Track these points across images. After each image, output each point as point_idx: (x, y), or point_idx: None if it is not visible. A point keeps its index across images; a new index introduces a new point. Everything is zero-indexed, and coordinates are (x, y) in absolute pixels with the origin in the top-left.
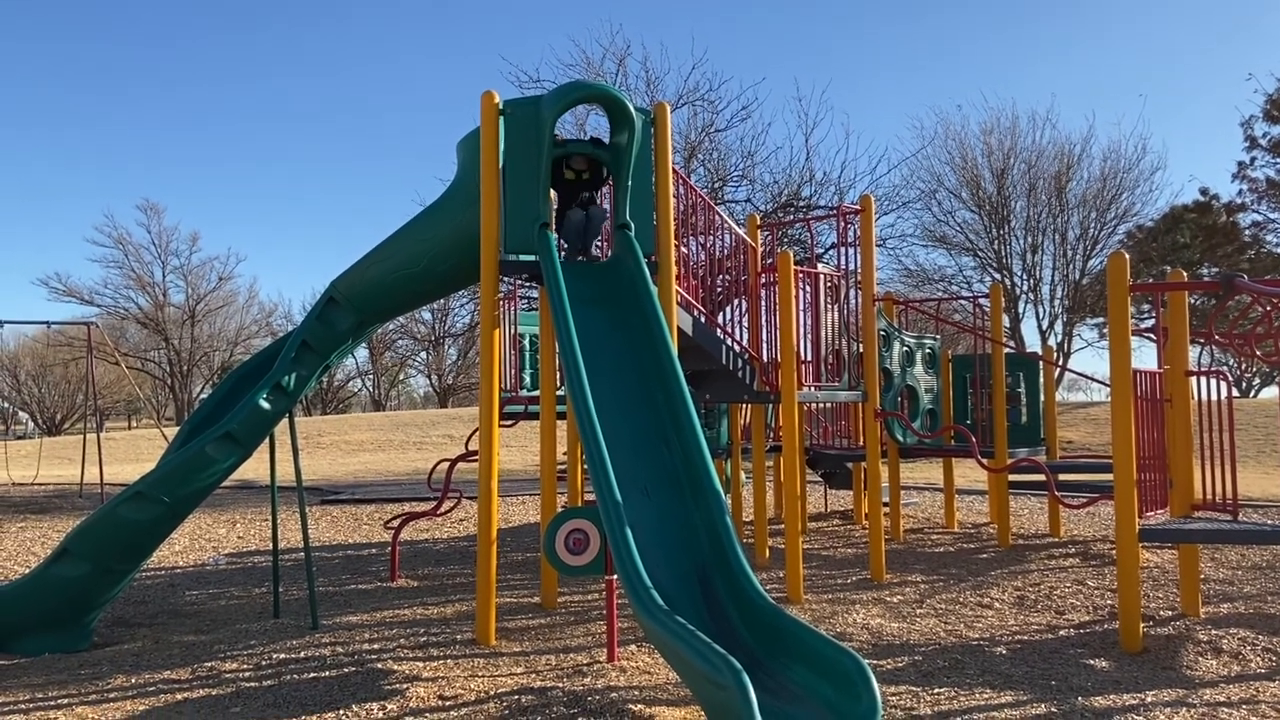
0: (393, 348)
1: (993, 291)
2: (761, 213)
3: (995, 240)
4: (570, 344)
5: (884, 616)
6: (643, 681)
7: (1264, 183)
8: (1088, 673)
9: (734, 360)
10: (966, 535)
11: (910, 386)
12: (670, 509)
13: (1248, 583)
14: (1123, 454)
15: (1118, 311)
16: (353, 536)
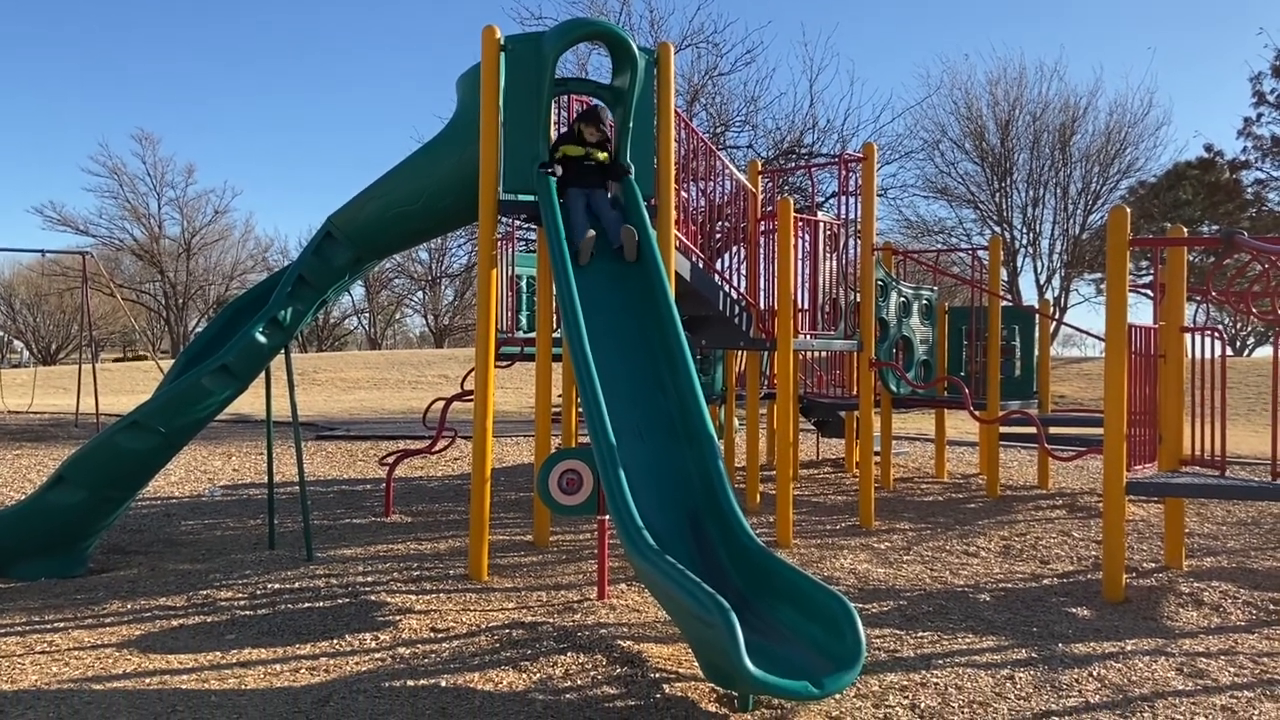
0: (389, 286)
1: (992, 244)
2: (763, 159)
3: (996, 193)
4: (567, 286)
5: (871, 562)
6: (632, 619)
7: (1269, 140)
8: (1069, 620)
9: (731, 307)
10: (955, 485)
11: (906, 337)
12: (663, 452)
13: (1231, 538)
14: (1114, 407)
15: (1116, 265)
16: (347, 472)
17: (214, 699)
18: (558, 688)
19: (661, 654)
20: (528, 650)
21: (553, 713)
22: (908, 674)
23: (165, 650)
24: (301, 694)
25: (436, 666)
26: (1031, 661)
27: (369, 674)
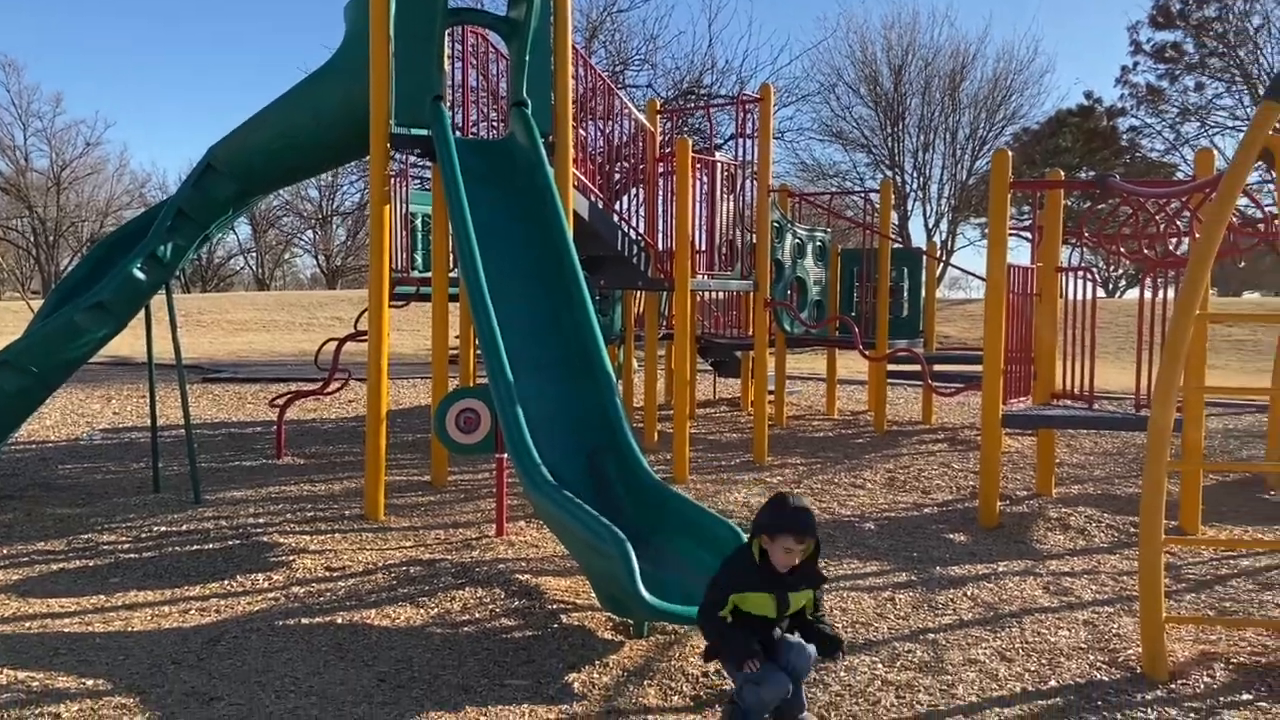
0: (277, 225)
1: (883, 188)
2: (662, 99)
3: (889, 138)
4: (463, 222)
5: (764, 496)
6: (530, 554)
7: (1144, 88)
8: (947, 546)
9: (629, 247)
10: (845, 422)
11: (800, 278)
12: (561, 390)
13: (1098, 467)
14: (993, 344)
15: (998, 207)
16: (236, 415)
17: (98, 641)
18: (455, 621)
19: (559, 586)
20: (425, 586)
21: (450, 645)
22: None
23: (45, 594)
24: (191, 634)
25: (332, 604)
26: (911, 584)
27: (262, 613)
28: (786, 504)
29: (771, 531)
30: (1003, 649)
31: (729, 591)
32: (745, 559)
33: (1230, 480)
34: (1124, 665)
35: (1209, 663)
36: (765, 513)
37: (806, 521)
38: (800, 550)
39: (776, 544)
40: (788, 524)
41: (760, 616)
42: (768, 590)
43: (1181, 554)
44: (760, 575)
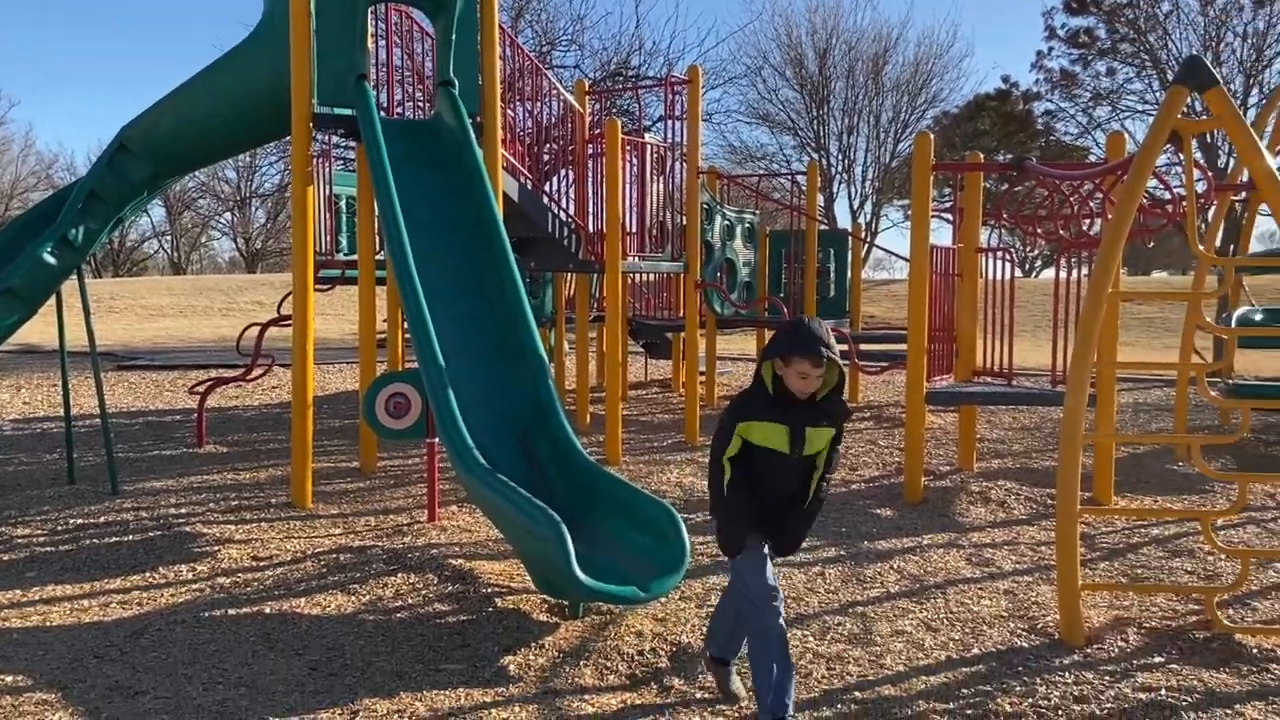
0: (193, 207)
1: (810, 170)
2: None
3: (815, 120)
4: (390, 204)
5: (696, 475)
6: (463, 539)
7: (1058, 73)
8: (874, 520)
9: (560, 229)
10: None
11: (730, 259)
12: (493, 373)
13: (1016, 441)
14: (916, 323)
15: (920, 188)
16: (154, 403)
17: (15, 637)
18: (388, 608)
19: (493, 570)
20: (356, 574)
21: (384, 632)
22: (728, 576)
23: None
24: (113, 628)
25: (259, 594)
26: (840, 559)
27: (186, 605)
28: (803, 324)
29: (785, 353)
30: (928, 619)
31: (736, 420)
32: (756, 387)
33: (1141, 452)
34: (1043, 632)
35: (1123, 627)
36: (779, 335)
37: (825, 343)
38: (818, 376)
39: (791, 368)
40: (802, 345)
41: (770, 451)
42: (780, 420)
43: (1096, 524)
44: (772, 403)
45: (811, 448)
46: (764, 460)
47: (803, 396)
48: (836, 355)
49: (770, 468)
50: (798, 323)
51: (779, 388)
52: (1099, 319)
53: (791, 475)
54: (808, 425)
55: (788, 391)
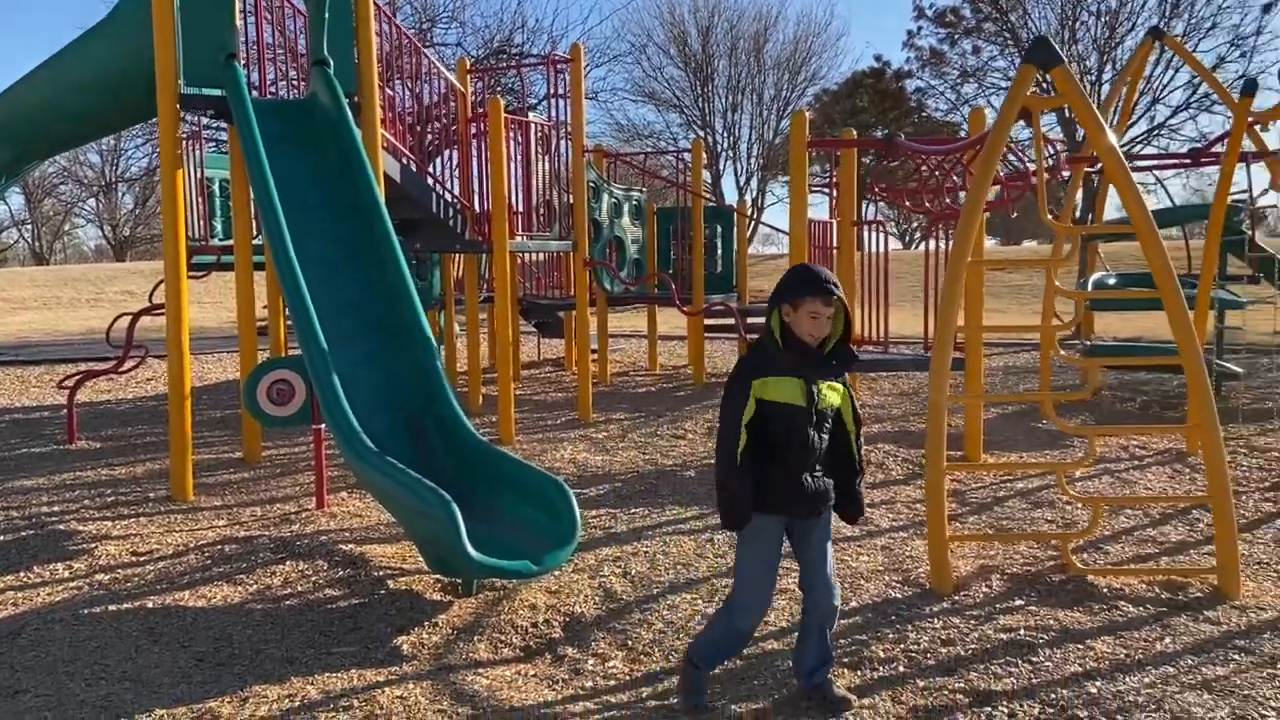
0: (54, 194)
1: (694, 148)
2: (473, 59)
3: (700, 98)
4: (265, 186)
5: (589, 451)
6: (354, 524)
7: (928, 51)
8: None
9: (444, 209)
10: (668, 376)
11: (618, 237)
12: (378, 356)
13: (895, 406)
14: None
15: (797, 164)
16: (20, 399)
17: None
18: (277, 596)
19: (385, 553)
20: (242, 564)
21: (273, 620)
22: (621, 547)
23: None
24: None
25: (141, 589)
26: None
27: (64, 603)
28: (806, 267)
29: (794, 296)
30: None
31: (751, 379)
32: (764, 343)
33: (1010, 413)
34: (915, 583)
35: (987, 575)
36: (785, 281)
37: (833, 281)
38: (829, 314)
39: (801, 311)
40: (811, 285)
41: (789, 410)
42: (793, 374)
43: (967, 480)
44: (784, 357)
45: (825, 402)
46: (784, 423)
47: (814, 341)
48: (843, 295)
49: (791, 431)
50: (800, 267)
51: (788, 342)
52: (960, 286)
53: (815, 436)
54: (819, 379)
55: (798, 344)
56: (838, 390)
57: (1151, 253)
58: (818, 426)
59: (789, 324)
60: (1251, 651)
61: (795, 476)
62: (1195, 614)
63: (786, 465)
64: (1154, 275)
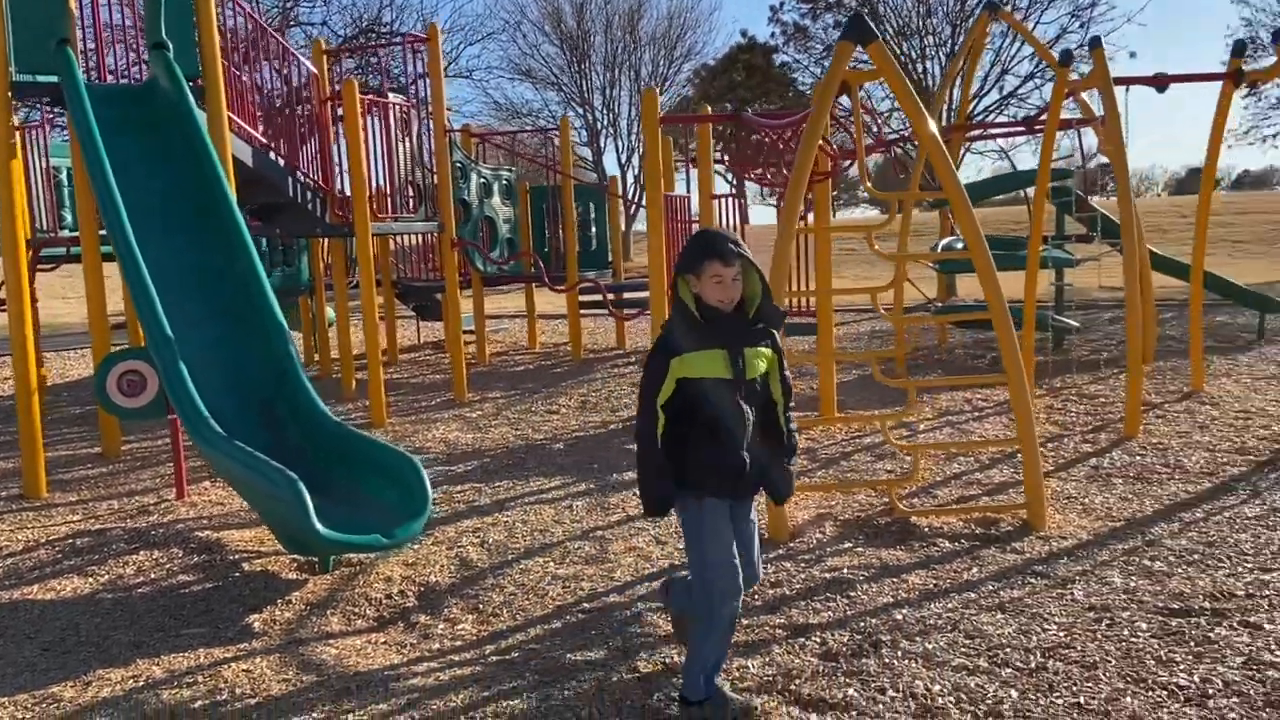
0: None
1: (561, 125)
2: (337, 39)
3: (577, 75)
4: (102, 174)
5: (461, 430)
6: (214, 513)
7: (792, 26)
8: (626, 455)
9: (303, 193)
10: (547, 354)
11: (489, 217)
12: (229, 342)
13: None
14: (655, 267)
15: (650, 140)
16: None
17: None
18: (128, 585)
19: (243, 538)
20: (94, 556)
21: (123, 607)
22: (482, 519)
23: None
24: None
25: None
26: (589, 492)
27: None
28: (706, 231)
29: (694, 265)
30: (659, 535)
31: (668, 357)
32: (679, 315)
33: (869, 372)
34: None
35: (822, 522)
36: (684, 251)
37: (733, 240)
38: (734, 277)
39: (705, 279)
40: (708, 248)
41: (713, 384)
42: (714, 344)
43: (820, 438)
44: (701, 328)
45: (753, 370)
46: (709, 397)
47: (728, 306)
48: (749, 253)
49: (720, 405)
50: (697, 234)
51: (704, 312)
52: (788, 254)
53: (745, 409)
54: (745, 346)
55: (715, 313)
56: (765, 356)
57: (962, 218)
58: (747, 398)
59: (699, 295)
60: (1047, 575)
61: (734, 454)
62: (1004, 545)
63: (721, 443)
64: (964, 238)
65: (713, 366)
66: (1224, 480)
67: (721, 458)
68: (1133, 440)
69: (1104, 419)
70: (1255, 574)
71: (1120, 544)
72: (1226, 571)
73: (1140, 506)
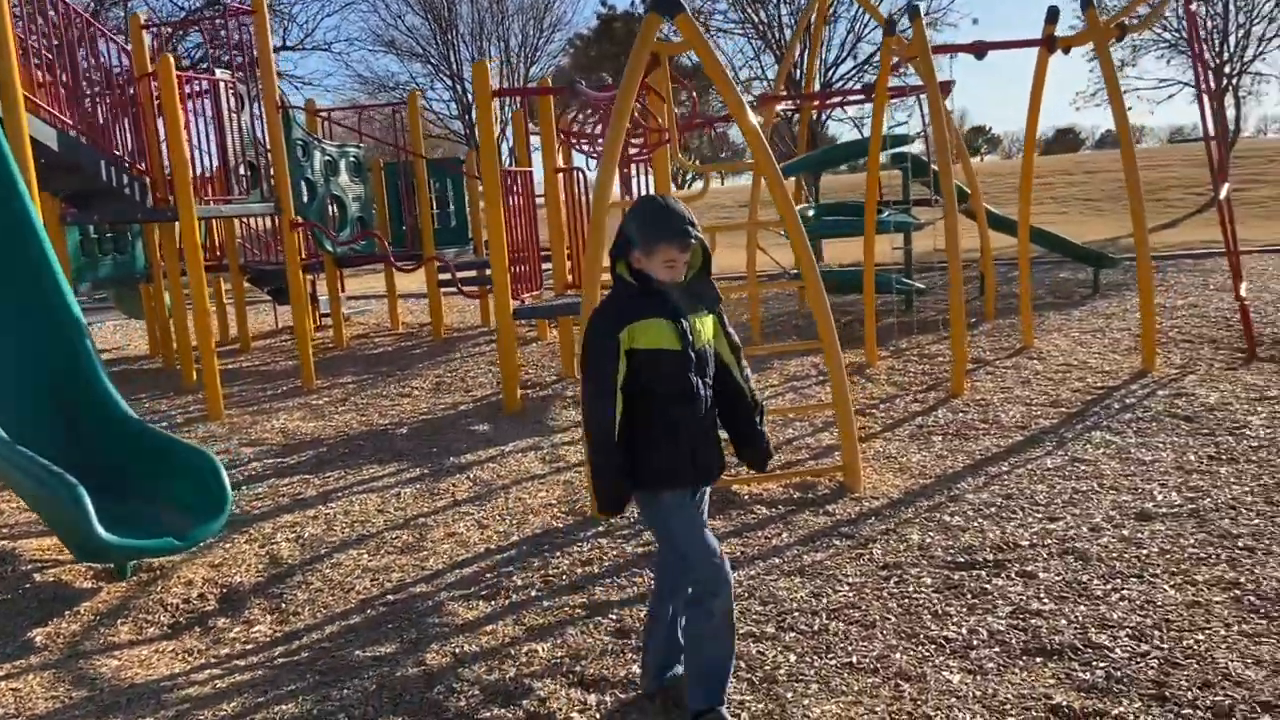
0: None
1: (410, 100)
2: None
3: (445, 47)
4: None
5: (304, 418)
6: (9, 522)
7: None
8: (469, 436)
9: (117, 176)
10: (409, 335)
11: (337, 196)
12: (17, 340)
13: None
14: (496, 244)
15: (483, 112)
16: None
17: None
18: None
19: (39, 547)
20: None
21: None
22: (303, 512)
23: None
24: None
25: None
26: (421, 478)
27: None
28: (656, 204)
29: (648, 242)
30: (482, 519)
31: (617, 328)
32: (620, 289)
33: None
34: (579, 513)
35: None
36: (634, 221)
37: (690, 221)
38: (684, 260)
39: (655, 258)
40: (665, 230)
41: (666, 357)
42: (660, 314)
43: None
44: (646, 298)
45: (699, 338)
46: (661, 374)
47: (672, 283)
48: (702, 234)
49: (674, 381)
50: (649, 204)
51: (645, 285)
52: (604, 226)
53: (698, 383)
54: (689, 314)
55: (655, 285)
56: (707, 323)
57: (774, 189)
58: (699, 371)
59: (641, 270)
60: (852, 536)
61: (695, 437)
62: (817, 509)
63: (679, 427)
64: (777, 208)
65: (661, 337)
66: (1034, 433)
67: (680, 444)
68: (958, 398)
69: (938, 378)
70: (1042, 524)
71: (926, 501)
72: (1017, 523)
73: (953, 463)
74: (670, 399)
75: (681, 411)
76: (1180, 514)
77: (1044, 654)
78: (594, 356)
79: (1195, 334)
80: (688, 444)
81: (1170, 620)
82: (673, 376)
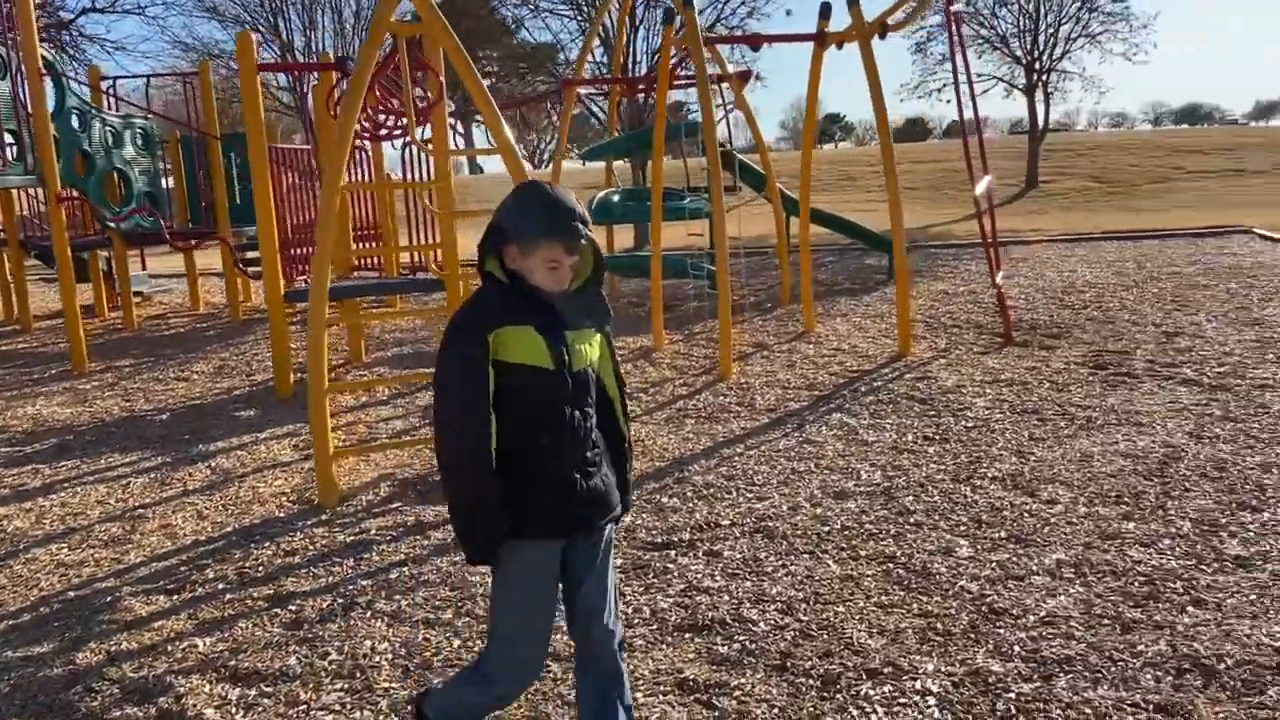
0: None
1: (201, 70)
2: None
3: (273, 14)
4: None
5: (62, 404)
6: None
7: None
8: (230, 422)
9: None
10: (208, 315)
11: (120, 169)
12: None
13: (421, 329)
14: (264, 225)
15: (247, 89)
16: None
17: None
18: None
19: None
20: None
21: None
22: (18, 504)
23: None
24: None
25: None
26: (159, 467)
27: None
28: (539, 191)
29: (527, 237)
30: (203, 509)
31: (484, 332)
32: (489, 288)
33: None
34: (305, 501)
35: (379, 483)
36: (514, 212)
37: (581, 217)
38: (570, 263)
39: (534, 257)
40: (550, 225)
41: (533, 373)
42: (528, 322)
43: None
44: (518, 301)
45: (580, 360)
46: (529, 397)
47: (556, 290)
48: (592, 232)
49: (541, 407)
50: (532, 191)
51: (519, 287)
52: (334, 209)
53: (574, 413)
54: (566, 328)
55: (533, 290)
56: (594, 343)
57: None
58: (576, 398)
59: (517, 270)
60: None
61: (562, 476)
62: None
63: (545, 462)
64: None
65: (533, 350)
66: (781, 416)
67: (544, 483)
68: (724, 382)
69: (716, 362)
70: (749, 504)
71: (655, 484)
72: (728, 503)
73: (695, 445)
74: (541, 429)
75: (550, 443)
76: (874, 492)
77: (694, 629)
78: (456, 368)
79: (965, 320)
80: (556, 483)
81: (820, 594)
82: (540, 403)
